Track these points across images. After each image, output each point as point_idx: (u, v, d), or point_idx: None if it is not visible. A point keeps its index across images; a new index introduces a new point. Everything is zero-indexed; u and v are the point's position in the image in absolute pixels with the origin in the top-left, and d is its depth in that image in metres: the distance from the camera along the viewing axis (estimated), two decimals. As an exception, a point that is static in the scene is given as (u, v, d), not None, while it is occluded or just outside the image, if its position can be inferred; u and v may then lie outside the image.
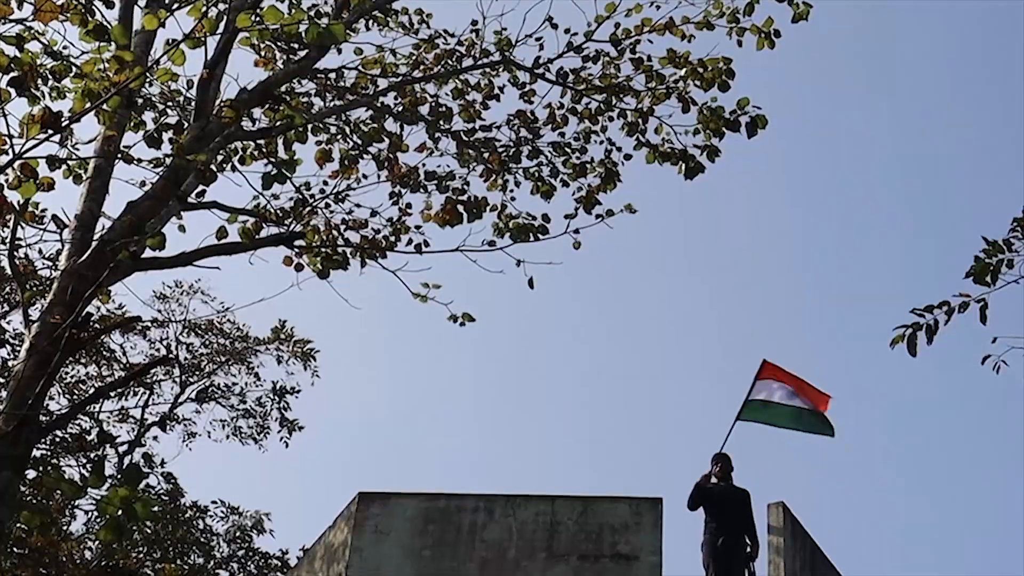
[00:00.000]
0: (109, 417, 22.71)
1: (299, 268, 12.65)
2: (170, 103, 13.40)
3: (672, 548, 14.84)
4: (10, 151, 8.42)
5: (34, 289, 12.58)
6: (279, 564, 24.34)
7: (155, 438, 23.62)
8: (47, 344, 9.77)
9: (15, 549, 16.35)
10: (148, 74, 10.65)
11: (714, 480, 15.89)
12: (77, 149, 11.94)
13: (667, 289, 47.67)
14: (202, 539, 23.19)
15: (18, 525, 15.99)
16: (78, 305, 10.02)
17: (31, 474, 16.04)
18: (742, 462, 16.20)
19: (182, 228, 12.28)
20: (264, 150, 13.49)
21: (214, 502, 24.24)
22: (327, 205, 13.08)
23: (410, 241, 13.22)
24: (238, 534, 24.69)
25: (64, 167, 11.10)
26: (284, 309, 51.72)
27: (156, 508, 11.78)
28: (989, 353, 9.68)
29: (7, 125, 8.46)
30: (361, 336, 50.20)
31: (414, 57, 14.12)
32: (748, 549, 15.54)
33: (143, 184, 12.08)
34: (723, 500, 15.71)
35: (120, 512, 9.99)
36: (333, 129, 13.86)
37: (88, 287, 10.22)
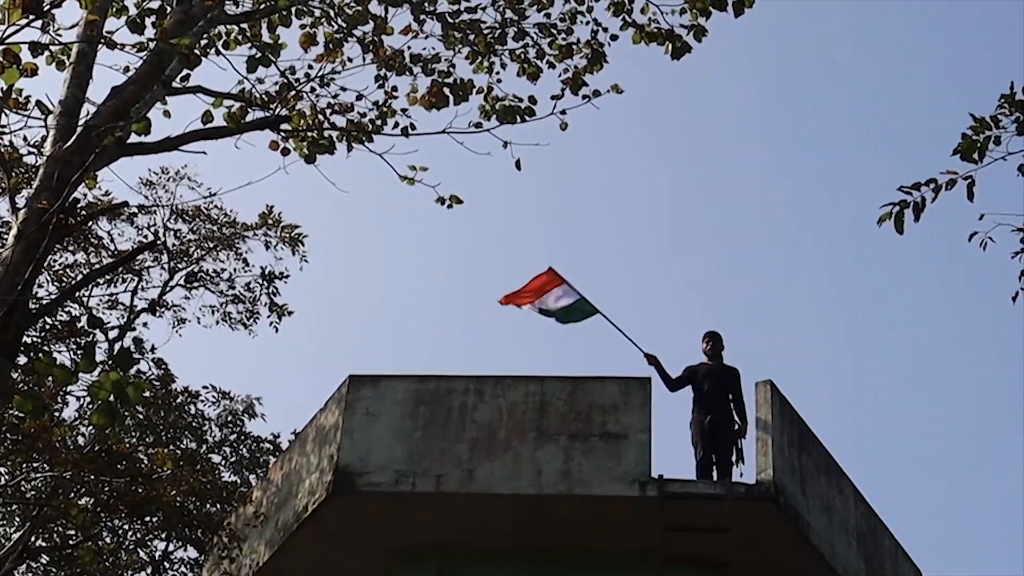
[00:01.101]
0: (99, 304, 22.76)
1: (285, 153, 12.63)
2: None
3: (661, 427, 14.98)
4: (-8, 37, 8.36)
5: (20, 176, 12.53)
6: (271, 448, 24.55)
7: (145, 324, 23.70)
8: (35, 230, 9.78)
9: (8, 435, 16.47)
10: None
11: (704, 359, 16.04)
12: (60, 34, 11.87)
13: (650, 173, 47.55)
14: (194, 424, 23.36)
15: (11, 412, 16.10)
16: (65, 190, 10.02)
17: (22, 360, 16.08)
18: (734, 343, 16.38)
19: (167, 114, 12.25)
20: (248, 34, 13.40)
21: (205, 387, 24.38)
22: (313, 89, 13.00)
23: (396, 124, 13.17)
24: (230, 419, 24.85)
25: (47, 53, 11.05)
26: (271, 195, 51.64)
27: (148, 393, 11.88)
28: (976, 230, 9.72)
29: (-12, 10, 8.39)
30: (349, 221, 50.15)
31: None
32: (736, 427, 15.72)
33: (127, 69, 12.03)
34: (711, 379, 15.87)
35: (112, 396, 10.08)
36: (317, 12, 13.74)
37: (74, 173, 10.21)
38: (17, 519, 19.91)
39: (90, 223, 20.41)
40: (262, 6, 12.87)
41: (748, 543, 14.54)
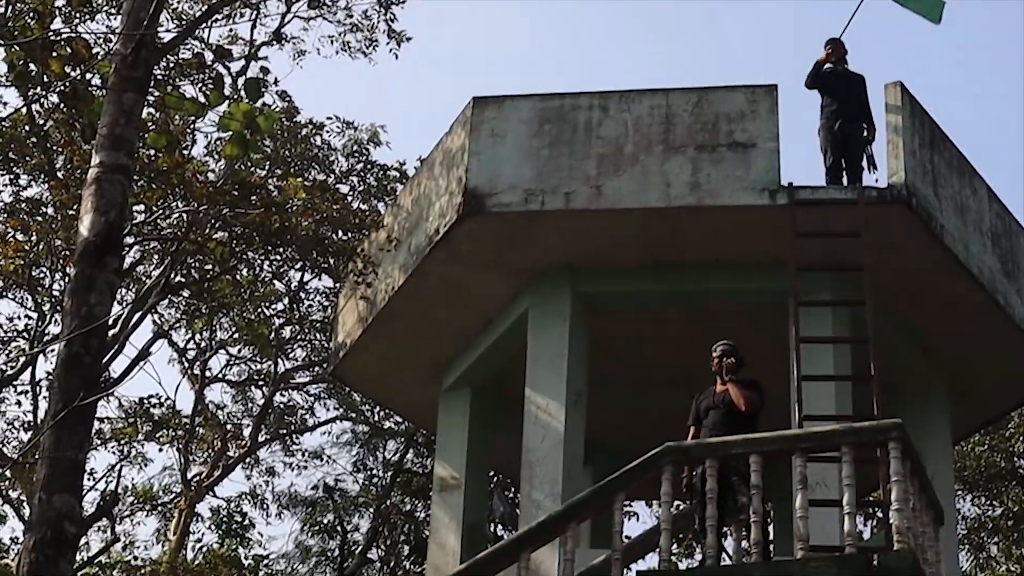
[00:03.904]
0: (220, 39, 22.84)
1: None
2: None
3: (789, 135, 14.76)
4: None
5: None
6: (397, 175, 24.75)
7: (266, 58, 23.70)
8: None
9: (144, 172, 16.73)
10: None
11: (828, 66, 15.74)
12: None
13: None
14: (320, 155, 23.59)
15: (145, 150, 16.36)
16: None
17: (152, 98, 16.23)
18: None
19: None
20: None
21: (329, 118, 24.54)
22: None
23: None
24: (355, 148, 25.07)
25: None
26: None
27: (275, 123, 11.95)
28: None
29: None
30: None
31: None
32: (865, 132, 15.50)
33: None
34: (838, 84, 15.60)
35: (243, 126, 10.19)
36: None
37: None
38: (156, 256, 20.40)
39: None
40: None
41: (881, 247, 14.44)
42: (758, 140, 14.70)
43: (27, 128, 18.32)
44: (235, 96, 10.47)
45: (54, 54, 11.06)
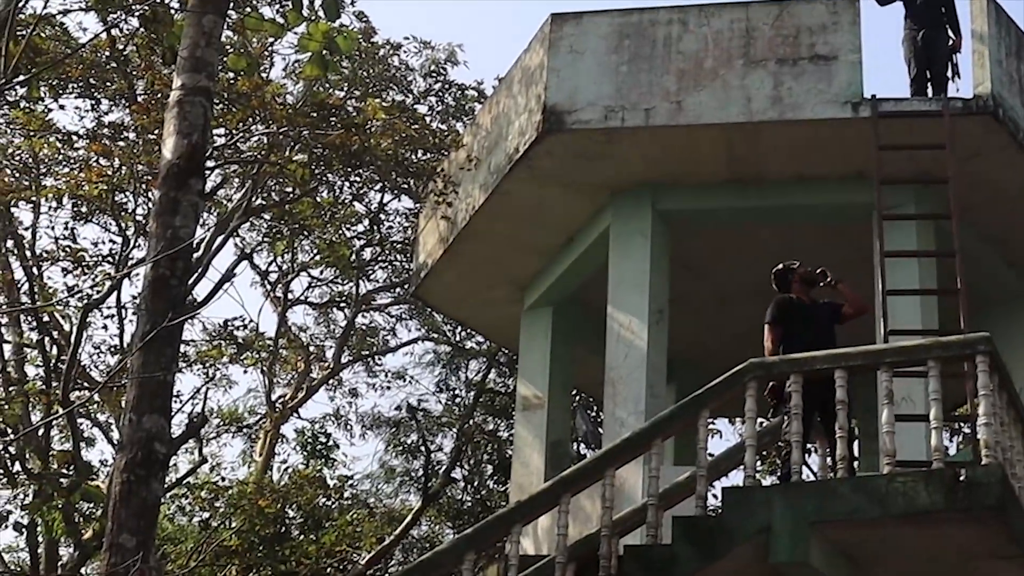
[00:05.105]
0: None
1: None
2: None
3: (872, 46, 14.55)
4: None
5: None
6: (476, 95, 24.69)
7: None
8: None
9: (223, 95, 16.80)
10: None
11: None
12: None
13: None
14: (398, 75, 23.57)
15: (224, 73, 16.40)
16: None
17: (231, 20, 16.23)
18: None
19: None
20: None
21: (406, 38, 24.47)
22: None
23: None
24: (433, 68, 25.01)
25: None
26: None
27: (354, 41, 11.93)
28: None
29: None
30: None
31: None
32: (950, 42, 15.25)
33: None
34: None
35: (322, 47, 10.18)
36: None
37: None
38: (237, 180, 20.52)
39: None
40: None
41: (966, 159, 14.26)
42: (840, 52, 14.51)
43: (107, 53, 18.42)
44: (313, 17, 10.45)
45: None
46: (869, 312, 12.28)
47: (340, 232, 23.58)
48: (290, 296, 25.80)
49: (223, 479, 24.65)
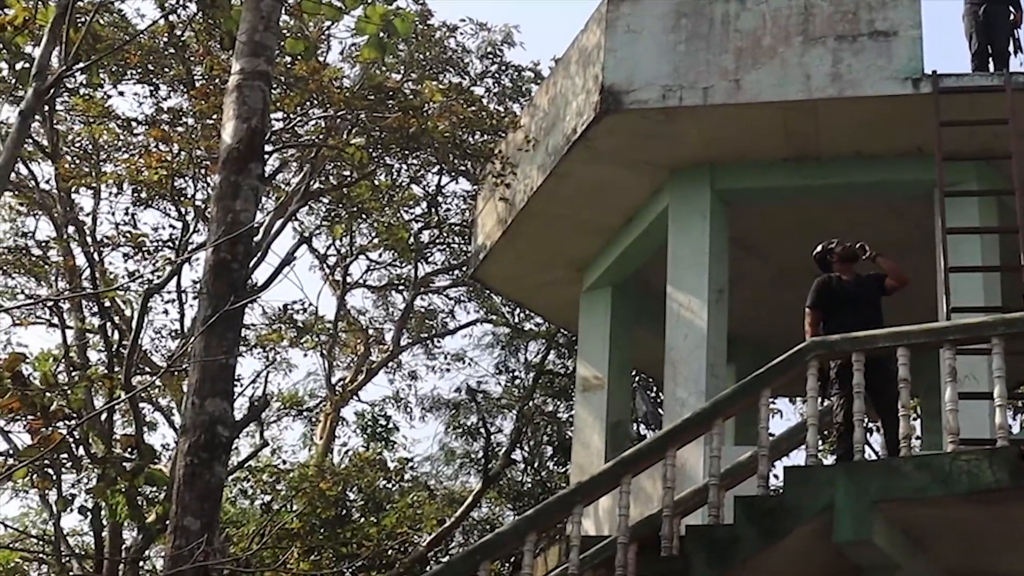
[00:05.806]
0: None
1: None
2: None
3: (933, 21, 14.42)
4: None
5: None
6: (532, 75, 24.68)
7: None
8: None
9: (281, 79, 16.84)
10: None
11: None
12: None
13: None
14: (455, 57, 23.58)
15: (281, 57, 16.44)
16: None
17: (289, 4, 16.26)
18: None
19: None
20: None
21: (462, 20, 24.48)
22: None
23: None
24: (489, 50, 25.00)
25: None
26: None
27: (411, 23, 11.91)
28: None
29: None
30: None
31: None
32: (1012, 16, 15.09)
33: None
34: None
35: (380, 29, 10.19)
36: None
37: None
38: (295, 163, 20.59)
39: None
40: None
41: (1029, 134, 14.12)
42: (900, 28, 14.38)
43: (166, 39, 18.53)
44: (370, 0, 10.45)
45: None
46: (909, 284, 12.13)
47: (398, 215, 23.64)
48: (349, 279, 25.89)
49: (284, 462, 24.79)
